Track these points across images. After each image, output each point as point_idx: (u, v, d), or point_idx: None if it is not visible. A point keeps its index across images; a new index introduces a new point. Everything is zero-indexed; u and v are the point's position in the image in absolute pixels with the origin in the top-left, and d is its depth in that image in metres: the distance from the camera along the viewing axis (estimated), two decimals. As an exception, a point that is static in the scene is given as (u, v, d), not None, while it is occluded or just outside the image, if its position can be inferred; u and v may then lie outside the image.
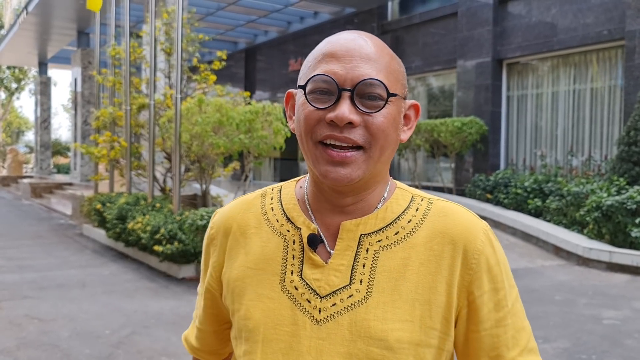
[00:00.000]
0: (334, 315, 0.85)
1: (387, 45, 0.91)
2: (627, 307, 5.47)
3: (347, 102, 0.82)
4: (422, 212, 0.91)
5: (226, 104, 7.55)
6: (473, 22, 11.54)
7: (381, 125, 0.84)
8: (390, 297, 0.85)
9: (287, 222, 0.92)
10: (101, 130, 10.28)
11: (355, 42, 0.86)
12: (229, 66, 14.56)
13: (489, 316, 0.88)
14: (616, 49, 9.90)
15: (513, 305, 0.90)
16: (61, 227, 11.12)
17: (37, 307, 5.34)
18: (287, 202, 0.95)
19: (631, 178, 8.05)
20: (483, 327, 0.88)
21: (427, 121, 11.59)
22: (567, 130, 10.70)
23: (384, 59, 0.86)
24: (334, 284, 0.87)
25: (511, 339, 0.89)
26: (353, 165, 0.84)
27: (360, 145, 0.84)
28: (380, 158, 0.86)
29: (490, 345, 0.88)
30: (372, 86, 0.83)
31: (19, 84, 31.82)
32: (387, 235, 0.89)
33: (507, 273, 0.91)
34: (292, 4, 14.42)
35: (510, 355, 0.88)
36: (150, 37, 8.53)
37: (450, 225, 0.89)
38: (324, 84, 0.84)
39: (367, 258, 0.88)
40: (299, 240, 0.90)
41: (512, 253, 8.02)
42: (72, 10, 14.81)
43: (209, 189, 8.36)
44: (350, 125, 0.83)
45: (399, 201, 0.93)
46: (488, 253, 0.89)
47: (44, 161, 22.02)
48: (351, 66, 0.83)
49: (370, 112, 0.83)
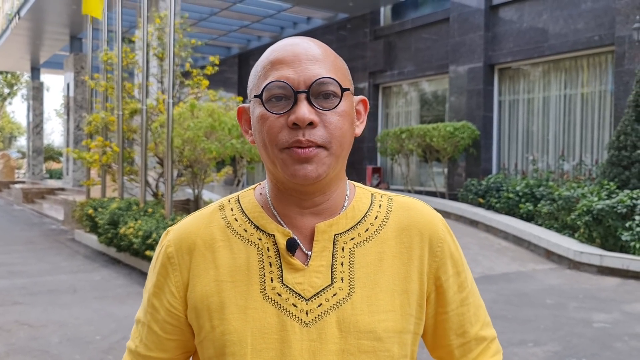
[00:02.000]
0: (322, 315, 0.87)
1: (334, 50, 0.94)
2: (618, 310, 5.50)
3: (305, 103, 0.84)
4: (385, 208, 0.96)
5: (218, 109, 7.56)
6: (465, 28, 11.61)
7: (338, 122, 0.86)
8: (372, 291, 0.89)
9: (257, 230, 0.92)
10: (93, 135, 10.26)
11: (300, 45, 0.88)
12: (222, 71, 14.58)
13: (455, 297, 0.96)
14: (606, 55, 9.99)
15: (472, 286, 1.00)
16: (53, 232, 11.07)
17: (27, 313, 5.31)
18: (251, 211, 0.94)
19: (621, 182, 8.11)
20: (450, 308, 0.96)
21: (419, 126, 11.63)
22: (558, 135, 10.77)
23: (329, 58, 0.88)
24: (317, 285, 0.88)
25: (473, 316, 0.99)
26: (317, 161, 0.85)
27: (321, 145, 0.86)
28: (341, 154, 0.88)
29: (458, 324, 0.97)
30: (326, 84, 0.85)
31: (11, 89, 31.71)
32: (358, 232, 0.92)
33: (463, 258, 1.00)
34: (285, 10, 14.47)
35: (474, 330, 0.99)
36: (143, 42, 8.54)
37: (414, 219, 0.95)
38: (279, 90, 0.85)
39: (344, 256, 0.90)
40: (274, 246, 0.90)
41: (503, 257, 8.06)
42: (64, 15, 14.80)
43: (201, 193, 8.36)
44: (311, 126, 0.84)
45: (362, 199, 0.96)
46: (449, 241, 0.97)
47: (36, 166, 21.93)
48: (302, 69, 0.85)
49: (327, 110, 0.85)
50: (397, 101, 13.79)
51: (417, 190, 12.43)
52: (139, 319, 0.99)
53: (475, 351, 0.99)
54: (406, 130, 11.67)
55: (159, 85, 9.36)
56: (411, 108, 13.48)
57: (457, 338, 0.98)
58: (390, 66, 13.31)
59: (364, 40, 13.94)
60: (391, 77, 13.34)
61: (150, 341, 0.96)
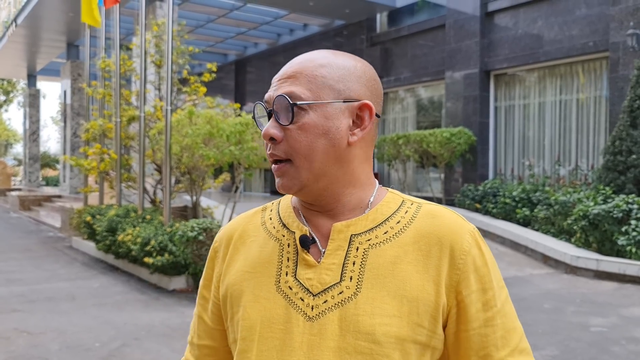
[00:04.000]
0: (325, 312, 0.89)
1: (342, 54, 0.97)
2: (615, 314, 5.53)
3: (272, 120, 0.92)
4: (411, 214, 0.95)
5: (216, 116, 7.58)
6: (461, 34, 11.68)
7: (298, 137, 0.90)
8: (378, 293, 0.89)
9: (283, 227, 0.98)
10: (91, 142, 10.27)
11: (290, 64, 0.94)
12: (219, 78, 14.60)
13: (477, 316, 0.90)
14: (601, 61, 10.07)
15: (503, 306, 0.92)
16: (50, 239, 11.06)
17: (26, 321, 5.31)
18: (284, 211, 1.01)
19: (617, 187, 8.16)
20: (472, 327, 0.90)
21: (416, 132, 11.68)
22: (554, 140, 10.83)
23: (307, 70, 0.91)
24: (326, 281, 0.90)
25: (500, 339, 0.91)
26: (287, 175, 0.92)
27: (287, 159, 0.92)
28: (311, 166, 0.90)
29: (479, 345, 0.90)
30: (282, 101, 0.90)
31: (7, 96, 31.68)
32: (376, 234, 0.93)
33: (495, 274, 0.93)
34: (282, 17, 14.53)
35: (500, 355, 0.90)
36: (141, 49, 8.57)
37: (437, 227, 0.92)
38: (260, 110, 0.96)
39: (357, 256, 0.91)
40: (293, 243, 0.95)
41: (501, 262, 8.08)
42: (61, 22, 14.82)
43: (199, 200, 8.37)
44: (275, 141, 0.91)
45: (390, 204, 0.96)
46: (475, 254, 0.92)
47: (33, 174, 21.89)
48: (276, 87, 0.93)
49: (286, 125, 0.90)
50: (394, 107, 13.84)
51: (414, 196, 12.44)
52: (195, 312, 1.08)
53: None
54: (403, 136, 11.71)
55: (157, 92, 9.38)
56: (408, 114, 13.54)
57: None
58: (387, 72, 13.37)
59: (360, 46, 14.00)
60: (388, 83, 13.40)
61: (202, 330, 1.06)
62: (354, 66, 0.94)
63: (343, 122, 0.91)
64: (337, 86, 0.91)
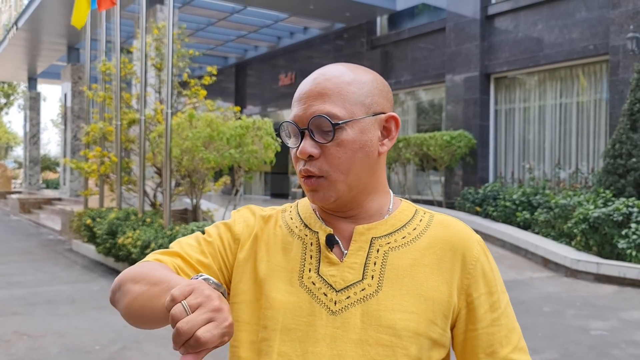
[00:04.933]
0: (348, 307, 0.95)
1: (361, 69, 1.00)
2: (615, 317, 5.53)
3: (307, 138, 0.96)
4: (425, 222, 1.04)
5: (217, 119, 7.59)
6: (461, 37, 11.70)
7: (337, 153, 0.95)
8: (398, 291, 0.96)
9: (305, 228, 1.04)
10: (91, 145, 10.27)
11: (314, 81, 0.97)
12: (219, 81, 14.63)
13: (485, 316, 0.99)
14: (601, 64, 10.08)
15: (506, 308, 1.02)
16: (50, 242, 11.06)
17: (26, 323, 5.31)
18: (304, 212, 1.07)
19: (617, 190, 8.16)
20: (480, 326, 0.99)
21: (416, 135, 11.68)
22: (555, 144, 10.84)
23: (337, 88, 0.96)
24: (348, 279, 0.97)
25: (504, 338, 1.00)
26: (322, 190, 0.97)
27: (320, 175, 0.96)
28: (347, 178, 0.96)
29: (487, 343, 0.99)
30: (320, 120, 0.94)
31: (8, 99, 31.72)
32: (395, 238, 1.01)
33: (499, 280, 1.03)
34: (282, 20, 14.56)
35: (504, 352, 0.99)
36: (141, 52, 8.58)
37: (450, 235, 1.01)
38: (290, 128, 0.98)
39: (377, 257, 0.99)
40: (316, 242, 1.01)
41: (501, 265, 8.08)
42: (62, 25, 14.84)
43: (199, 203, 8.37)
44: (312, 158, 0.96)
45: (405, 212, 1.05)
46: (483, 261, 1.01)
47: (33, 176, 21.90)
48: (306, 106, 0.96)
49: (326, 144, 0.95)
50: (394, 110, 13.83)
51: (415, 199, 12.46)
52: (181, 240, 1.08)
53: None
54: (403, 139, 11.72)
55: (157, 95, 9.40)
56: (408, 117, 13.55)
57: (486, 357, 0.99)
58: (387, 75, 13.38)
59: (360, 50, 14.02)
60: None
61: (187, 244, 1.05)
62: (374, 80, 1.00)
63: (375, 135, 0.99)
64: (366, 101, 0.97)
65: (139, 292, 0.92)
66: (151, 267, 0.97)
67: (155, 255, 1.03)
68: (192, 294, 0.76)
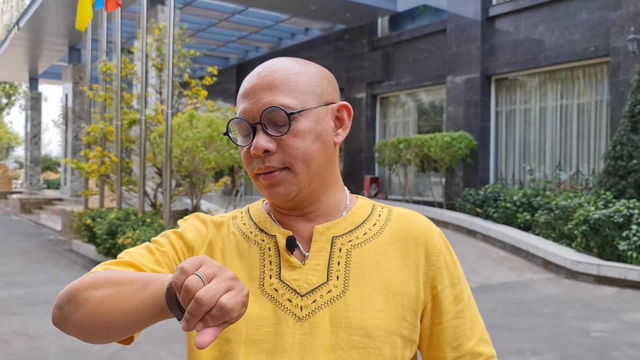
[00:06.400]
0: (315, 311, 0.91)
1: (305, 61, 0.97)
2: (615, 319, 5.52)
3: (261, 133, 0.91)
4: (385, 217, 1.01)
5: (217, 119, 7.60)
6: (462, 39, 11.69)
7: (295, 144, 0.91)
8: (366, 290, 0.93)
9: (261, 232, 0.99)
10: (92, 145, 10.28)
11: (259, 75, 0.93)
12: (220, 82, 14.62)
13: (450, 308, 0.98)
14: (602, 65, 10.07)
15: (469, 300, 1.01)
16: (50, 242, 11.06)
17: (25, 323, 5.31)
18: (257, 217, 1.02)
19: (618, 192, 8.15)
20: (445, 319, 0.98)
21: (417, 136, 11.68)
22: (555, 145, 10.83)
23: (286, 79, 0.92)
24: (313, 282, 0.93)
25: (469, 330, 0.99)
26: (284, 183, 0.92)
27: (284, 167, 0.91)
28: (309, 170, 0.92)
29: (452, 336, 0.98)
30: (273, 112, 0.90)
31: (9, 99, 31.76)
32: (356, 235, 0.97)
33: (460, 272, 1.02)
34: (283, 21, 14.56)
35: (469, 345, 0.98)
36: (142, 53, 8.59)
37: (411, 228, 0.99)
38: (239, 126, 0.94)
39: (340, 256, 0.95)
40: (275, 246, 0.96)
41: (501, 267, 8.07)
42: (63, 26, 14.87)
43: (199, 203, 8.37)
44: (269, 153, 0.91)
45: (363, 208, 1.02)
46: (445, 252, 1.00)
47: (34, 177, 21.91)
48: (255, 100, 0.91)
49: (281, 136, 0.90)
50: (395, 111, 13.85)
51: (415, 200, 12.46)
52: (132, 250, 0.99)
53: None
54: (404, 140, 11.72)
55: (158, 95, 9.40)
56: (409, 118, 13.55)
57: (452, 351, 0.98)
58: (388, 77, 13.38)
59: (361, 51, 14.02)
60: (389, 87, 13.41)
61: (139, 254, 0.96)
62: (321, 70, 0.98)
63: (329, 125, 0.95)
64: (317, 91, 0.94)
65: (103, 296, 0.82)
66: (108, 273, 0.86)
67: (104, 266, 0.93)
68: (203, 265, 0.71)
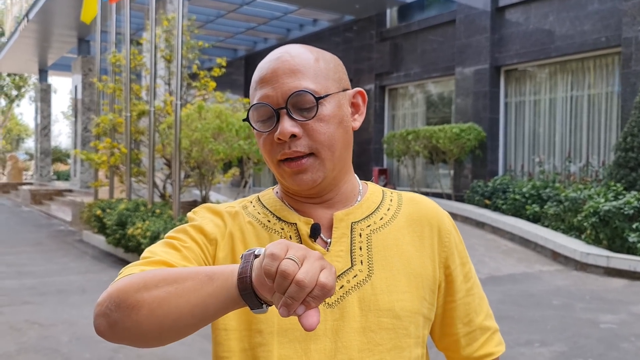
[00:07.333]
0: (344, 296, 0.93)
1: (318, 49, 0.97)
2: (624, 311, 5.50)
3: (286, 118, 0.90)
4: (397, 201, 1.04)
5: (226, 111, 7.61)
6: (471, 30, 11.61)
7: (321, 129, 0.91)
8: (390, 273, 0.96)
9: (279, 221, 0.98)
10: (101, 136, 10.33)
11: (279, 60, 0.92)
12: (229, 73, 14.62)
13: (461, 287, 1.03)
14: (613, 56, 9.97)
15: (475, 278, 1.07)
16: (61, 233, 11.15)
17: (37, 313, 5.37)
18: (272, 205, 1.00)
19: (628, 183, 8.10)
20: (458, 297, 1.03)
21: (425, 128, 11.64)
22: (565, 137, 10.76)
23: (308, 64, 0.92)
24: (338, 268, 0.94)
25: (478, 306, 1.05)
26: (311, 169, 0.92)
27: (310, 152, 0.91)
28: (334, 155, 0.93)
29: (464, 312, 1.04)
30: (301, 96, 0.89)
31: (19, 91, 31.91)
32: (374, 220, 0.99)
33: (466, 252, 1.07)
34: (292, 12, 14.51)
35: (479, 319, 1.05)
36: (151, 44, 8.60)
37: (423, 211, 1.03)
38: (262, 109, 0.92)
39: (362, 242, 0.97)
40: (296, 234, 0.96)
41: (510, 258, 8.06)
42: (72, 18, 14.89)
43: (208, 195, 8.40)
44: (295, 138, 0.90)
45: (375, 194, 1.04)
46: (454, 233, 1.05)
47: (44, 168, 22.05)
48: (279, 84, 0.90)
49: (307, 121, 0.90)
50: (404, 103, 13.80)
51: (424, 192, 12.43)
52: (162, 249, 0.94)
53: (480, 340, 1.05)
54: (412, 131, 11.68)
55: (167, 87, 9.42)
56: (417, 110, 13.49)
57: (464, 327, 1.04)
58: (397, 68, 13.33)
59: (370, 42, 13.96)
60: (397, 78, 13.36)
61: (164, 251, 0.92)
62: (334, 58, 0.99)
63: (348, 110, 0.97)
64: (335, 77, 0.95)
65: (163, 295, 0.76)
66: (157, 271, 0.80)
67: (139, 267, 0.88)
68: (290, 248, 0.69)
